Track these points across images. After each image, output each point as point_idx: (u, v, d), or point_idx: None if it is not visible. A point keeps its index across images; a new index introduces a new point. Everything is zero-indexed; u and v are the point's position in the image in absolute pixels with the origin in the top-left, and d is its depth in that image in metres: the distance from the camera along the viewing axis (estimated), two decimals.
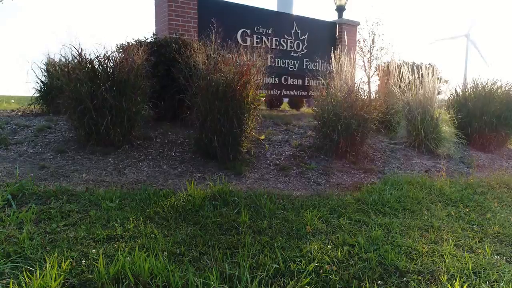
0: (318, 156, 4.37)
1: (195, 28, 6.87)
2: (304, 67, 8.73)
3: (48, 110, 5.53)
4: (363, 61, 11.15)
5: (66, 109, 3.79)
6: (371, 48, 11.02)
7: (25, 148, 3.85)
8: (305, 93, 8.85)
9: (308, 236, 2.39)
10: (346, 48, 7.74)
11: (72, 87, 3.55)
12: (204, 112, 3.72)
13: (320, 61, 9.02)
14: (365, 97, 4.32)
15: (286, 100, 10.68)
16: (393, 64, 6.30)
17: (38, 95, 5.59)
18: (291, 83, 8.55)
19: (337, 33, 9.25)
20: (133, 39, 5.15)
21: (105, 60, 3.61)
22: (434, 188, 3.50)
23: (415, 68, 7.17)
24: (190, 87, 3.83)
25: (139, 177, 3.38)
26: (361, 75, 9.85)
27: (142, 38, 5.19)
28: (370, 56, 11.01)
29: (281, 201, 2.98)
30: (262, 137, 4.24)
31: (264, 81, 8.05)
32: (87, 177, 3.24)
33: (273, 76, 8.11)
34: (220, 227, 2.48)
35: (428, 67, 5.19)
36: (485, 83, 6.22)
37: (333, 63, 5.75)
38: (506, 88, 5.93)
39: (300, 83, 8.72)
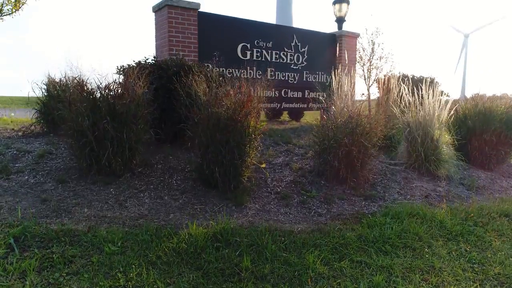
0: (318, 181, 4.38)
1: (195, 44, 6.89)
2: (304, 80, 8.76)
3: (49, 130, 5.53)
4: (363, 70, 11.16)
5: (67, 138, 3.79)
6: (371, 57, 11.02)
7: (26, 177, 3.85)
8: (305, 105, 8.88)
9: (310, 283, 2.40)
10: (347, 61, 7.75)
11: (73, 118, 3.55)
12: (206, 142, 3.72)
13: (320, 73, 9.04)
14: (366, 122, 4.31)
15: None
16: (393, 82, 6.31)
17: (38, 115, 5.60)
18: (291, 96, 8.57)
19: (337, 45, 9.26)
20: (134, 61, 5.17)
21: (106, 91, 3.60)
22: (435, 221, 3.51)
23: (414, 83, 7.20)
24: (191, 116, 3.83)
25: (140, 210, 3.39)
26: (361, 85, 9.86)
27: (143, 55, 5.20)
28: (370, 65, 11.02)
29: (283, 239, 2.99)
30: (263, 165, 4.25)
31: (265, 94, 8.08)
32: (88, 213, 3.24)
33: (273, 90, 8.12)
34: (223, 273, 2.48)
35: (429, 87, 5.18)
36: (485, 100, 6.25)
37: (333, 83, 5.76)
38: (506, 109, 5.94)
39: (300, 96, 8.75)
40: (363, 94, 10.10)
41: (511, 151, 6.12)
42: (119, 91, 3.62)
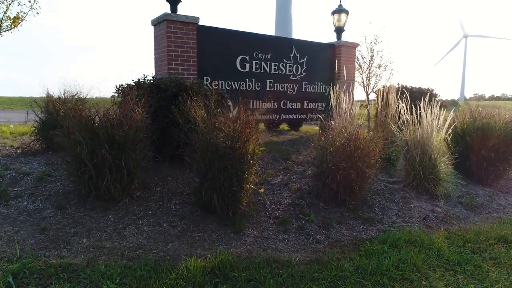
0: (317, 204, 4.39)
1: (194, 58, 6.89)
2: (303, 90, 8.77)
3: (48, 147, 5.54)
4: (362, 78, 11.17)
5: (66, 165, 3.80)
6: (370, 65, 11.02)
7: (25, 203, 3.86)
8: (304, 116, 8.88)
9: None
10: (345, 77, 7.75)
11: (72, 146, 3.55)
12: (204, 169, 3.73)
13: (319, 83, 9.05)
14: (364, 145, 4.31)
15: None
16: (391, 97, 6.32)
17: (37, 131, 5.61)
18: (290, 107, 8.57)
19: (336, 55, 9.26)
20: (132, 80, 5.19)
21: (104, 118, 3.61)
22: (433, 249, 3.53)
23: (413, 96, 7.21)
24: (189, 142, 3.84)
25: (139, 240, 3.40)
26: (360, 90, 9.88)
27: (142, 72, 5.22)
28: (369, 73, 11.03)
29: (281, 272, 3.00)
30: (262, 190, 4.26)
31: (264, 106, 8.08)
32: (87, 243, 3.25)
33: (272, 101, 8.13)
34: None
35: (427, 106, 5.19)
36: (483, 115, 6.27)
37: (331, 100, 5.78)
38: (503, 124, 5.95)
39: (299, 107, 8.75)
40: (361, 105, 10.07)
41: (509, 167, 6.14)
42: (117, 119, 3.62)
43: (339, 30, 9.26)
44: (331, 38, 9.96)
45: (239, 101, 7.72)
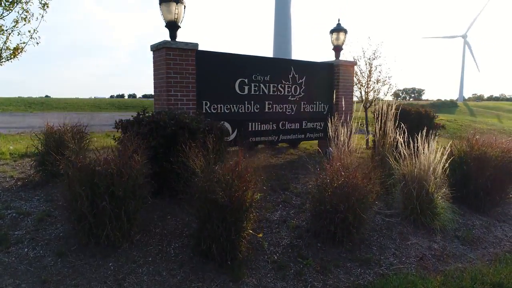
0: (315, 244, 4.44)
1: (193, 83, 6.94)
2: (302, 110, 8.82)
3: (47, 178, 5.58)
4: (360, 93, 11.22)
5: (65, 212, 3.84)
6: (368, 80, 11.07)
7: (25, 250, 3.90)
8: (303, 136, 8.95)
9: None
10: (344, 107, 7.77)
11: (72, 198, 3.59)
12: (203, 217, 3.78)
13: (317, 102, 9.10)
14: (362, 186, 4.35)
15: None
16: (389, 125, 6.36)
17: (37, 164, 5.66)
18: (289, 127, 8.63)
19: (334, 74, 9.30)
20: (132, 116, 5.22)
21: (104, 167, 3.64)
22: None
23: (413, 119, 7.25)
24: (189, 191, 3.88)
25: None
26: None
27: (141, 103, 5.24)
28: (368, 88, 11.08)
29: None
30: (260, 235, 4.30)
31: (262, 128, 8.12)
32: None
33: (270, 123, 8.18)
34: None
35: (424, 141, 5.23)
36: (480, 143, 6.32)
37: (330, 131, 5.82)
38: (500, 153, 6.00)
39: (298, 127, 8.81)
40: (360, 126, 10.10)
41: (506, 197, 6.19)
42: (117, 169, 3.65)
43: (337, 49, 9.30)
44: (330, 54, 10.01)
45: (237, 124, 7.79)
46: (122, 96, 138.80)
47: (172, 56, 6.57)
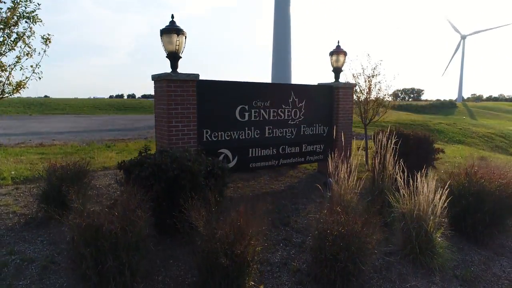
0: None
1: (194, 114, 6.99)
2: (302, 133, 8.87)
3: (50, 216, 5.63)
4: (360, 110, 11.27)
5: (70, 271, 3.91)
6: (368, 97, 11.12)
7: None
8: (303, 159, 9.00)
9: None
10: (343, 142, 7.80)
11: (76, 259, 3.65)
12: (205, 274, 3.83)
13: (317, 125, 9.14)
14: (361, 234, 4.41)
15: None
16: (388, 157, 6.41)
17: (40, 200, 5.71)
18: (289, 151, 8.68)
19: (334, 96, 9.34)
20: (135, 158, 5.27)
21: (108, 233, 3.68)
22: None
23: (412, 142, 7.28)
24: (191, 245, 3.93)
25: None
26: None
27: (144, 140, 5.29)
28: (367, 106, 11.13)
29: None
30: (261, 287, 4.36)
31: (263, 154, 8.17)
32: None
33: (270, 148, 8.22)
34: None
35: (423, 179, 5.29)
36: (478, 176, 6.38)
37: (329, 166, 5.87)
38: (497, 187, 6.06)
39: (298, 151, 8.86)
40: (359, 149, 10.18)
41: (504, 229, 6.26)
42: (121, 227, 3.70)
43: (337, 71, 9.34)
44: (329, 75, 10.05)
45: (238, 151, 7.83)
46: (121, 96, 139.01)
47: (173, 88, 6.61)
